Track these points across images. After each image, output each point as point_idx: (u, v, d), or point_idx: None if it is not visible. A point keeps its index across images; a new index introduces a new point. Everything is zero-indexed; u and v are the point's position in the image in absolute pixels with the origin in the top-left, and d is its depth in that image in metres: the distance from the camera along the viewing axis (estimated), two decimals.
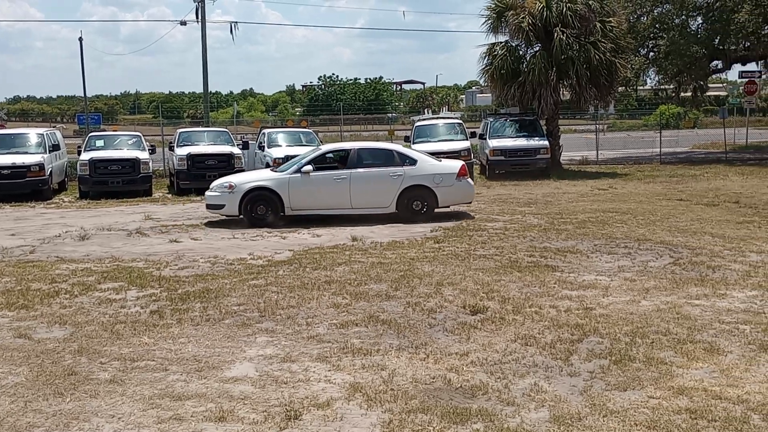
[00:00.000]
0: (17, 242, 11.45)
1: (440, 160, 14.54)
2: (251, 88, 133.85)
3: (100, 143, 19.92)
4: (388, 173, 12.94)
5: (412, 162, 13.13)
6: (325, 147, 14.21)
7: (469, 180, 13.45)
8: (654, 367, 5.23)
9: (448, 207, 13.40)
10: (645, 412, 4.47)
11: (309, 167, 12.87)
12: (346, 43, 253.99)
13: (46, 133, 19.87)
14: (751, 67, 31.47)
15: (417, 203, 12.93)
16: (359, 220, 12.73)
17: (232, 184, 12.93)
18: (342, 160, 13.24)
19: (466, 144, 21.16)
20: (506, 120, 23.15)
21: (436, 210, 13.02)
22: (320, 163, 13.19)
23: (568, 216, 12.94)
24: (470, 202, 13.83)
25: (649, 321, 6.34)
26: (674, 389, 4.81)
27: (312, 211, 12.96)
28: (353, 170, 12.94)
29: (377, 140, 29.12)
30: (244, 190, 12.75)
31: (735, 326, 6.15)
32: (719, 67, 30.61)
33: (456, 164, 13.63)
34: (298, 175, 12.83)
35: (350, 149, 13.43)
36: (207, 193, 13.47)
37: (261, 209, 12.73)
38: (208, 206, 13.34)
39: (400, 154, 13.43)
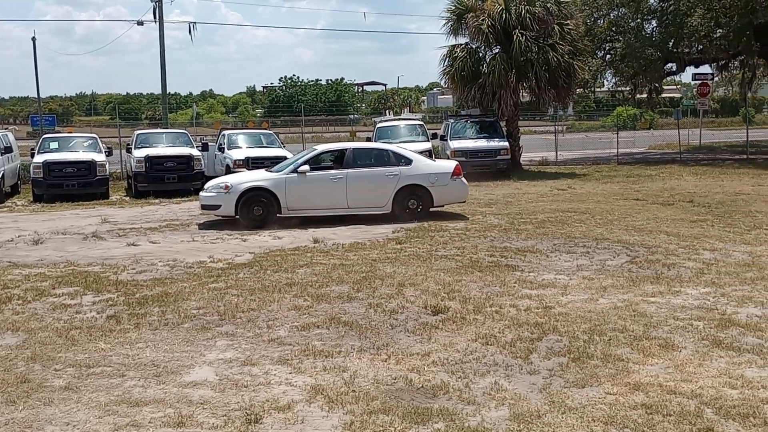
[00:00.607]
0: None
1: (434, 160, 14.63)
2: (211, 90, 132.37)
3: (54, 145, 19.46)
4: (384, 173, 12.98)
5: (408, 162, 13.20)
6: (321, 147, 14.15)
7: (463, 179, 13.54)
8: (611, 363, 5.32)
9: (443, 206, 13.49)
10: (602, 408, 4.55)
11: (305, 167, 12.82)
12: (307, 44, 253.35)
13: None
14: (704, 69, 32.30)
15: (413, 202, 13.01)
16: (319, 221, 12.70)
17: (228, 184, 12.78)
18: (338, 160, 13.25)
19: (427, 145, 21.25)
20: (467, 121, 23.34)
21: (431, 209, 13.11)
22: (316, 163, 13.16)
23: (528, 216, 13.09)
24: (464, 201, 13.94)
25: (607, 319, 6.44)
26: (631, 385, 4.90)
27: (309, 212, 12.90)
28: (349, 170, 12.95)
29: (339, 142, 29.04)
30: (241, 191, 12.60)
31: (689, 323, 6.29)
32: (673, 69, 31.36)
33: (450, 164, 13.80)
34: (295, 175, 12.76)
35: (346, 149, 13.46)
36: (202, 193, 13.30)
37: (257, 210, 12.62)
38: (203, 207, 13.16)
39: (396, 153, 13.49)
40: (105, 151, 19.50)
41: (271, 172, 13.37)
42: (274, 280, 8.22)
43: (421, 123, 24.75)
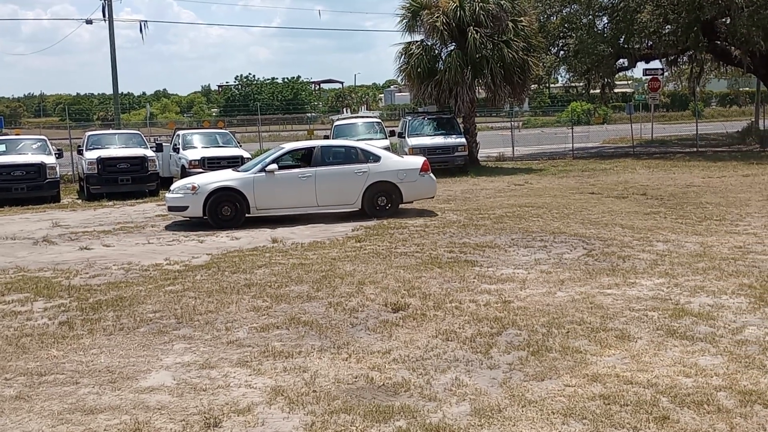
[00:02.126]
0: None
1: (403, 156, 14.59)
2: (165, 89, 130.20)
3: (1, 148, 18.86)
4: (352, 170, 12.94)
5: (376, 158, 13.18)
6: (288, 145, 14.01)
7: (431, 175, 13.56)
8: (569, 356, 5.39)
9: (412, 202, 13.47)
10: (561, 400, 4.60)
11: (273, 166, 12.69)
12: (262, 42, 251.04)
13: None
14: (655, 64, 33.04)
15: (382, 199, 13.01)
16: (278, 221, 12.60)
17: (196, 185, 12.55)
18: (306, 158, 13.15)
19: (385, 143, 21.23)
20: (424, 118, 23.43)
21: (401, 205, 13.11)
22: (284, 161, 13.04)
23: (486, 211, 13.19)
24: (433, 197, 13.96)
25: (565, 311, 6.52)
26: (589, 377, 4.96)
27: (278, 211, 12.77)
28: (318, 168, 12.87)
29: (296, 140, 28.84)
30: (208, 191, 12.40)
31: (644, 313, 6.41)
32: (625, 64, 31.95)
33: (419, 160, 13.80)
34: (263, 174, 12.62)
35: (314, 147, 13.37)
36: (168, 195, 13.04)
37: (226, 210, 12.44)
38: (170, 208, 12.89)
39: (364, 150, 13.44)
40: (55, 154, 18.97)
41: (238, 171, 13.23)
42: (232, 282, 8.11)
43: (379, 120, 24.75)
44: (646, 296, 6.98)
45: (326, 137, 23.75)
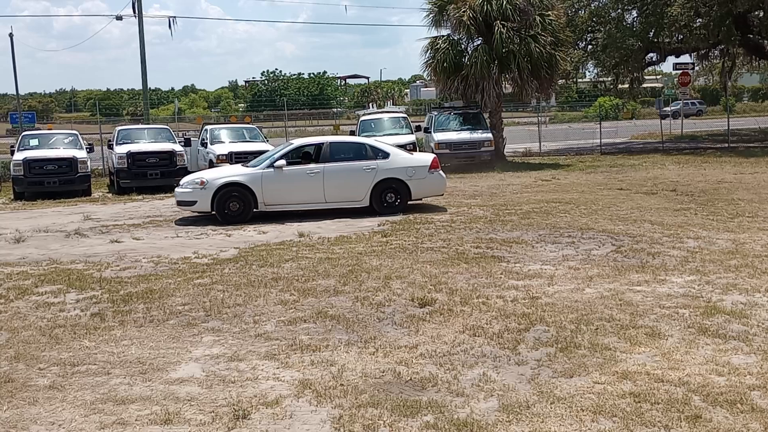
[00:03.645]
0: None
1: (412, 153, 14.56)
2: (193, 84, 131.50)
3: (34, 142, 19.23)
4: (361, 167, 12.90)
5: (385, 155, 13.12)
6: (297, 141, 14.05)
7: (441, 172, 13.48)
8: (599, 353, 5.34)
9: (420, 199, 13.44)
10: (591, 397, 4.56)
11: (282, 162, 12.71)
12: (288, 38, 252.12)
13: None
14: (685, 59, 32.53)
15: (391, 196, 12.95)
16: (305, 215, 12.65)
17: (204, 180, 12.63)
18: (315, 154, 13.14)
19: (411, 138, 21.24)
20: (450, 113, 23.33)
21: (409, 203, 13.06)
22: (293, 157, 13.04)
23: (512, 207, 13.11)
24: (442, 194, 13.89)
25: (593, 308, 6.46)
26: (618, 374, 4.91)
27: (286, 206, 12.80)
28: (326, 164, 12.85)
29: (323, 135, 28.94)
30: (217, 186, 12.47)
31: (675, 311, 6.33)
32: (654, 59, 31.53)
33: (428, 157, 13.73)
34: (271, 170, 12.65)
35: (323, 143, 13.36)
36: (177, 189, 13.12)
37: (234, 205, 12.50)
38: (179, 203, 12.98)
39: (373, 147, 13.40)
40: (86, 148, 19.28)
41: (247, 167, 13.25)
42: (259, 275, 8.17)
43: (405, 116, 24.73)
44: (677, 293, 6.89)
45: (352, 132, 23.79)
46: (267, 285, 7.69)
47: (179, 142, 20.24)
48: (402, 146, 20.35)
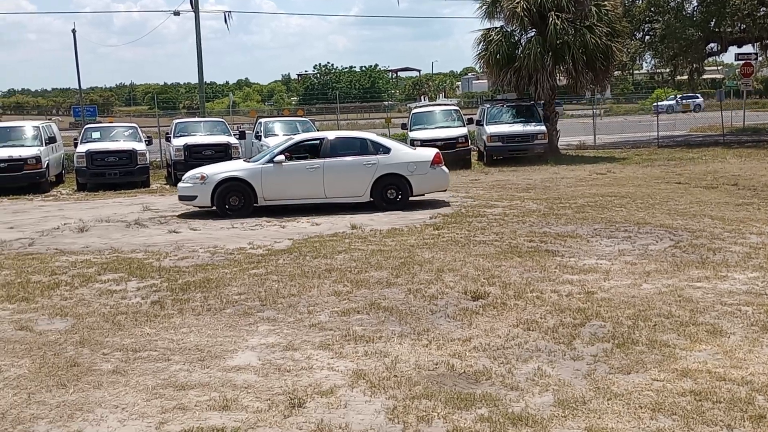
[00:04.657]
0: (16, 235, 11.41)
1: (415, 148, 14.42)
2: (247, 78, 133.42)
3: (96, 135, 19.83)
4: (361, 162, 12.84)
5: (386, 150, 13.04)
6: (298, 137, 14.17)
7: (444, 168, 13.31)
8: (657, 349, 5.23)
9: (423, 195, 13.34)
10: (649, 394, 4.47)
11: (281, 157, 12.77)
12: (340, 31, 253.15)
13: (42, 126, 19.78)
14: (747, 49, 31.37)
15: (391, 191, 12.87)
16: (356, 208, 12.72)
17: (204, 174, 12.78)
18: (315, 149, 13.12)
19: (463, 131, 21.14)
20: (503, 106, 23.11)
21: (411, 198, 12.96)
22: (293, 152, 13.07)
23: (566, 201, 12.92)
24: (445, 190, 13.76)
25: (651, 304, 6.33)
26: (678, 371, 4.81)
27: (285, 201, 12.87)
28: (326, 159, 12.83)
29: (374, 129, 29.09)
30: (216, 181, 12.61)
31: (737, 308, 6.15)
32: (715, 49, 30.54)
33: (430, 152, 13.55)
34: (271, 165, 12.72)
35: (323, 138, 13.37)
36: (179, 184, 13.29)
37: (234, 200, 12.63)
38: (181, 197, 13.16)
39: (374, 142, 13.34)
40: (145, 141, 19.79)
41: (248, 162, 13.32)
42: (313, 266, 8.26)
43: (457, 108, 24.60)
44: (739, 290, 6.69)
45: (404, 126, 23.79)
46: (320, 276, 7.77)
47: (234, 134, 20.58)
48: (454, 139, 20.44)
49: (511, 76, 22.83)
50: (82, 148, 18.53)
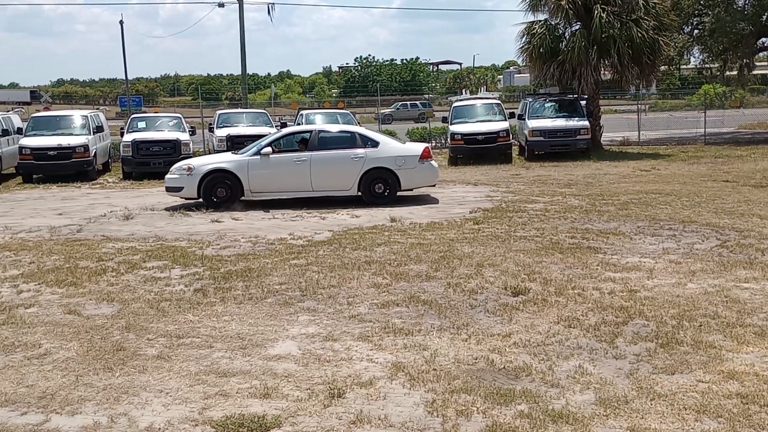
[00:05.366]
0: (65, 221, 11.72)
1: (404, 143, 14.29)
2: (288, 70, 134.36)
3: (142, 125, 20.24)
4: (349, 155, 12.77)
5: (374, 144, 12.97)
6: (286, 129, 14.22)
7: (433, 162, 13.21)
8: (702, 350, 5.13)
9: (411, 190, 13.23)
10: (694, 396, 4.39)
11: (269, 149, 12.76)
12: (382, 23, 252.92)
13: (90, 115, 20.25)
14: None
15: (379, 185, 12.82)
16: (398, 201, 12.72)
17: (191, 166, 12.83)
18: (303, 142, 13.10)
19: (504, 125, 20.97)
20: (545, 100, 22.83)
21: (399, 193, 12.89)
22: (281, 145, 13.08)
23: (609, 197, 12.73)
24: (434, 185, 13.64)
25: (697, 304, 6.21)
26: (724, 373, 4.71)
27: (272, 194, 12.88)
28: (314, 152, 12.80)
29: (408, 122, 29.00)
30: (203, 173, 12.64)
31: None
32: (767, 44, 29.68)
33: (419, 147, 13.49)
34: (258, 157, 12.72)
35: (311, 131, 13.36)
36: (167, 176, 13.27)
37: (220, 192, 12.66)
38: (168, 189, 13.10)
39: (362, 136, 13.28)
40: (188, 131, 20.10)
41: (235, 154, 13.33)
42: (353, 258, 8.30)
43: (498, 102, 24.39)
44: None
45: (444, 119, 23.69)
46: (360, 268, 7.80)
47: (276, 126, 20.77)
48: (495, 133, 20.29)
49: (554, 70, 22.55)
50: (128, 138, 18.94)
